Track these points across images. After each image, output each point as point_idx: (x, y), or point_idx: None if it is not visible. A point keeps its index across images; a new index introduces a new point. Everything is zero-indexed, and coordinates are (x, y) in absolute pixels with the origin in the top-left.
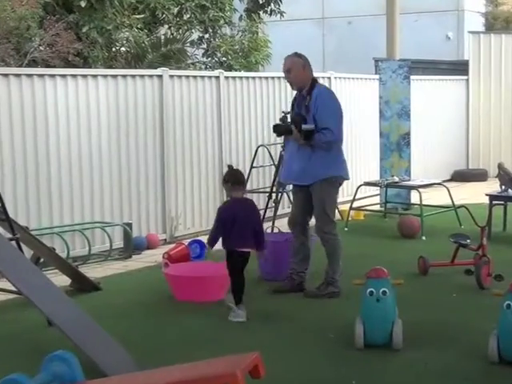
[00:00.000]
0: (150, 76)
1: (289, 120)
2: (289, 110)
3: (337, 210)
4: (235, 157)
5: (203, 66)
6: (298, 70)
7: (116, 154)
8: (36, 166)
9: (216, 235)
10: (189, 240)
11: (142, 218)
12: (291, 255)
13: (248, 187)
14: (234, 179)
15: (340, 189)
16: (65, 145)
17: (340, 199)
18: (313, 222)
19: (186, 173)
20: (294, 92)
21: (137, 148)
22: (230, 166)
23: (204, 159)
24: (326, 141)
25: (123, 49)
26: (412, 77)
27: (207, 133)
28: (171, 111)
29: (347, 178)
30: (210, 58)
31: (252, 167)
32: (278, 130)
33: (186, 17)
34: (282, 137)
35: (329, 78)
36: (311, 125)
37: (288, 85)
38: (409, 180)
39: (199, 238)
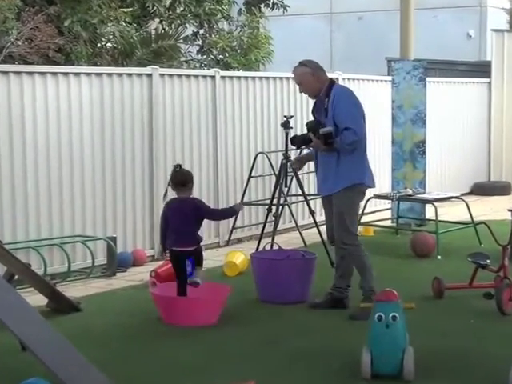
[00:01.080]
0: (139, 75)
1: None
2: (292, 114)
3: None
4: (232, 165)
5: (198, 65)
6: (307, 80)
7: (100, 161)
8: (11, 172)
9: (161, 234)
10: None
11: (128, 231)
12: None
13: (246, 199)
14: (174, 180)
15: None
16: (43, 150)
17: None
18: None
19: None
20: (298, 93)
21: (123, 155)
22: (175, 166)
23: (197, 167)
24: (350, 142)
25: (109, 45)
26: (428, 79)
27: (201, 138)
28: (161, 114)
29: (372, 186)
30: (205, 56)
31: (250, 177)
32: (296, 141)
33: (179, 10)
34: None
35: (336, 78)
36: (329, 127)
37: (291, 86)
38: (423, 193)
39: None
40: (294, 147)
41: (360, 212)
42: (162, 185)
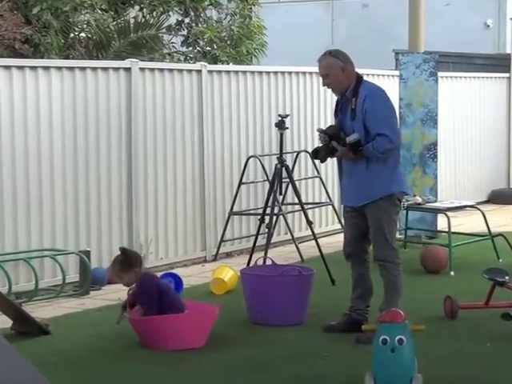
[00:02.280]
0: (116, 69)
1: (286, 125)
2: (287, 112)
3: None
4: (220, 170)
5: (182, 58)
6: (336, 74)
7: (72, 166)
8: None
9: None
10: (161, 273)
11: (103, 245)
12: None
13: (236, 208)
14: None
15: None
16: (7, 153)
17: None
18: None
19: (158, 189)
20: (295, 89)
21: (98, 158)
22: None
23: (181, 172)
24: (384, 149)
25: (83, 35)
26: (440, 74)
27: (186, 140)
28: (141, 114)
29: (408, 193)
30: (190, 48)
31: (241, 183)
32: (320, 154)
33: None
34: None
35: None
36: (355, 134)
37: (287, 81)
38: (435, 201)
39: (174, 270)
40: (319, 160)
41: None
42: (142, 192)
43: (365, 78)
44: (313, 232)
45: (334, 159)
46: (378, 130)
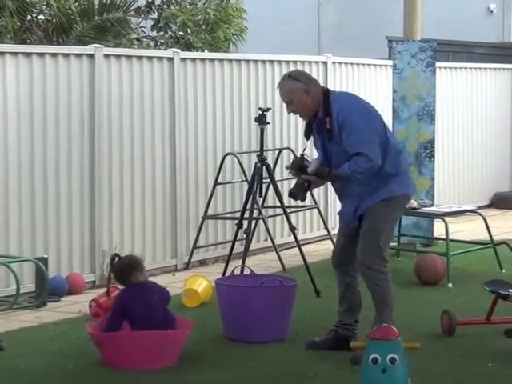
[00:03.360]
0: (78, 55)
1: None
2: (269, 105)
3: (333, 245)
4: (193, 168)
5: (152, 43)
6: (301, 99)
7: (28, 163)
8: None
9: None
10: None
11: (63, 251)
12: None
13: (210, 211)
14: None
15: (336, 217)
16: None
17: (336, 230)
18: None
19: (124, 189)
20: (278, 80)
21: (57, 156)
22: (113, 258)
23: (150, 171)
24: (362, 170)
25: (42, 17)
26: (438, 64)
27: (155, 135)
28: (106, 105)
29: (412, 195)
30: (161, 33)
31: (216, 183)
32: (295, 194)
33: None
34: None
35: (324, 62)
36: (314, 162)
37: (268, 71)
38: (431, 205)
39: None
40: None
41: None
42: (106, 193)
43: (354, 67)
44: (296, 238)
45: None
46: (354, 150)
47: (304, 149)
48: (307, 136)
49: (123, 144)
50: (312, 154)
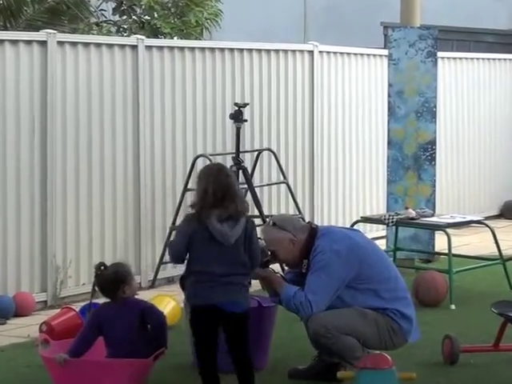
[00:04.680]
0: (28, 42)
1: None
2: (246, 100)
3: None
4: (160, 173)
5: (113, 29)
6: (287, 249)
7: None
8: None
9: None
10: (83, 303)
11: (9, 267)
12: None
13: (180, 221)
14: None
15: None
16: None
17: None
18: None
19: (80, 196)
20: (256, 72)
21: (3, 156)
22: (99, 267)
23: (110, 176)
24: (293, 308)
25: None
26: (440, 54)
27: (117, 135)
28: (60, 99)
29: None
30: (124, 17)
31: (186, 189)
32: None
33: None
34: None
35: (310, 52)
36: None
37: (246, 61)
38: (432, 215)
39: (100, 299)
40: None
41: None
42: (60, 200)
43: (344, 57)
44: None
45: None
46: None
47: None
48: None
49: (79, 144)
50: None
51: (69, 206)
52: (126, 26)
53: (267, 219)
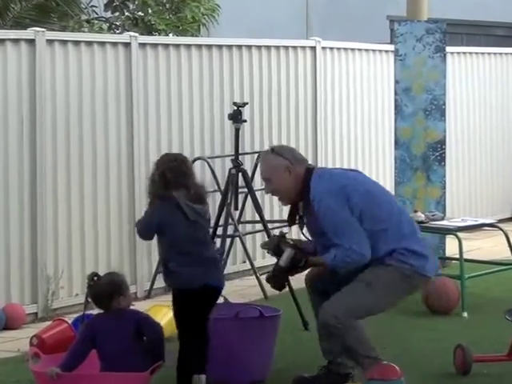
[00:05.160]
0: (15, 40)
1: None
2: (245, 100)
3: None
4: None
5: (105, 26)
6: (281, 178)
7: None
8: None
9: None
10: (75, 315)
11: None
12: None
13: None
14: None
15: None
16: None
17: None
18: None
19: (72, 203)
20: (256, 70)
21: None
22: (92, 277)
23: (104, 181)
24: (343, 265)
25: None
26: (449, 49)
27: (110, 137)
28: (50, 100)
29: (429, 275)
30: (117, 13)
31: None
32: (272, 282)
33: None
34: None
35: (313, 48)
36: (286, 253)
37: (245, 58)
38: (442, 218)
39: (93, 311)
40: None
41: None
42: (51, 208)
43: (348, 53)
44: None
45: None
46: (334, 241)
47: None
48: (291, 221)
49: (70, 149)
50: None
51: (60, 213)
52: (118, 23)
53: (268, 224)
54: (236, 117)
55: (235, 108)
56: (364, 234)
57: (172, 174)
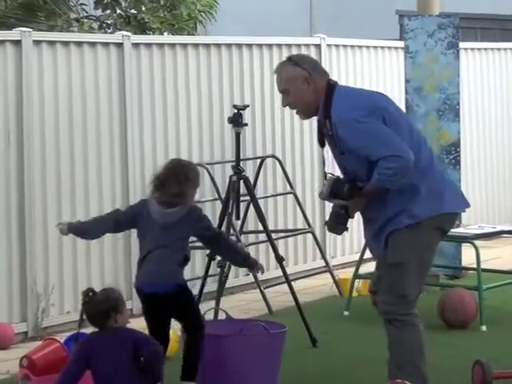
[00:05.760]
0: (0, 42)
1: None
2: (246, 102)
3: (333, 280)
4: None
5: (96, 25)
6: (299, 89)
7: None
8: None
9: None
10: (68, 334)
11: None
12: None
13: None
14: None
15: (339, 241)
16: None
17: (336, 261)
18: None
19: (62, 213)
20: (256, 69)
21: None
22: (87, 293)
23: (96, 190)
24: (391, 173)
25: None
26: (463, 45)
27: (102, 143)
28: (37, 104)
29: (460, 209)
30: (108, 11)
31: None
32: (332, 227)
33: None
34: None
35: (317, 45)
36: (332, 185)
37: (246, 58)
38: (458, 226)
39: (87, 329)
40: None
41: (358, 259)
42: (40, 220)
43: (355, 51)
44: (285, 272)
45: None
46: (374, 158)
47: (324, 161)
48: (321, 142)
49: (60, 156)
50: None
51: (50, 225)
52: (109, 22)
53: (272, 235)
54: (236, 120)
55: (235, 111)
56: (398, 137)
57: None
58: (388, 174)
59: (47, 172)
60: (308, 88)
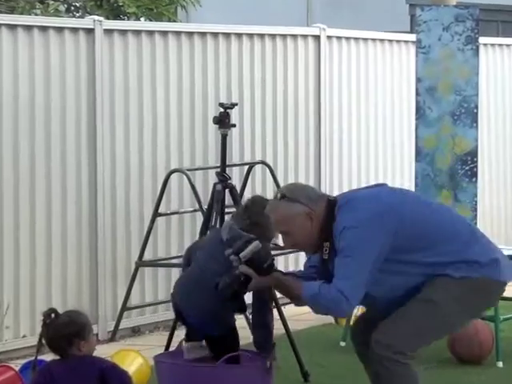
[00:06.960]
0: None
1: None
2: (234, 100)
3: None
4: (122, 193)
5: (63, 8)
6: (303, 228)
7: None
8: None
9: None
10: (24, 361)
11: None
12: None
13: (148, 255)
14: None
15: None
16: None
17: None
18: None
19: (21, 225)
20: (247, 63)
21: None
22: (48, 315)
23: (59, 198)
24: (323, 303)
25: None
26: (482, 39)
27: (67, 143)
28: None
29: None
30: None
31: (157, 214)
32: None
33: None
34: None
35: (316, 36)
36: (254, 243)
37: (234, 48)
38: None
39: (45, 355)
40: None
41: None
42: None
43: (359, 45)
44: (274, 296)
45: None
46: (335, 276)
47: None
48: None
49: (19, 158)
50: None
51: (6, 238)
52: (78, 5)
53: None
54: (223, 121)
55: (222, 110)
56: (364, 285)
57: None
58: (322, 310)
59: (4, 175)
60: (311, 224)
